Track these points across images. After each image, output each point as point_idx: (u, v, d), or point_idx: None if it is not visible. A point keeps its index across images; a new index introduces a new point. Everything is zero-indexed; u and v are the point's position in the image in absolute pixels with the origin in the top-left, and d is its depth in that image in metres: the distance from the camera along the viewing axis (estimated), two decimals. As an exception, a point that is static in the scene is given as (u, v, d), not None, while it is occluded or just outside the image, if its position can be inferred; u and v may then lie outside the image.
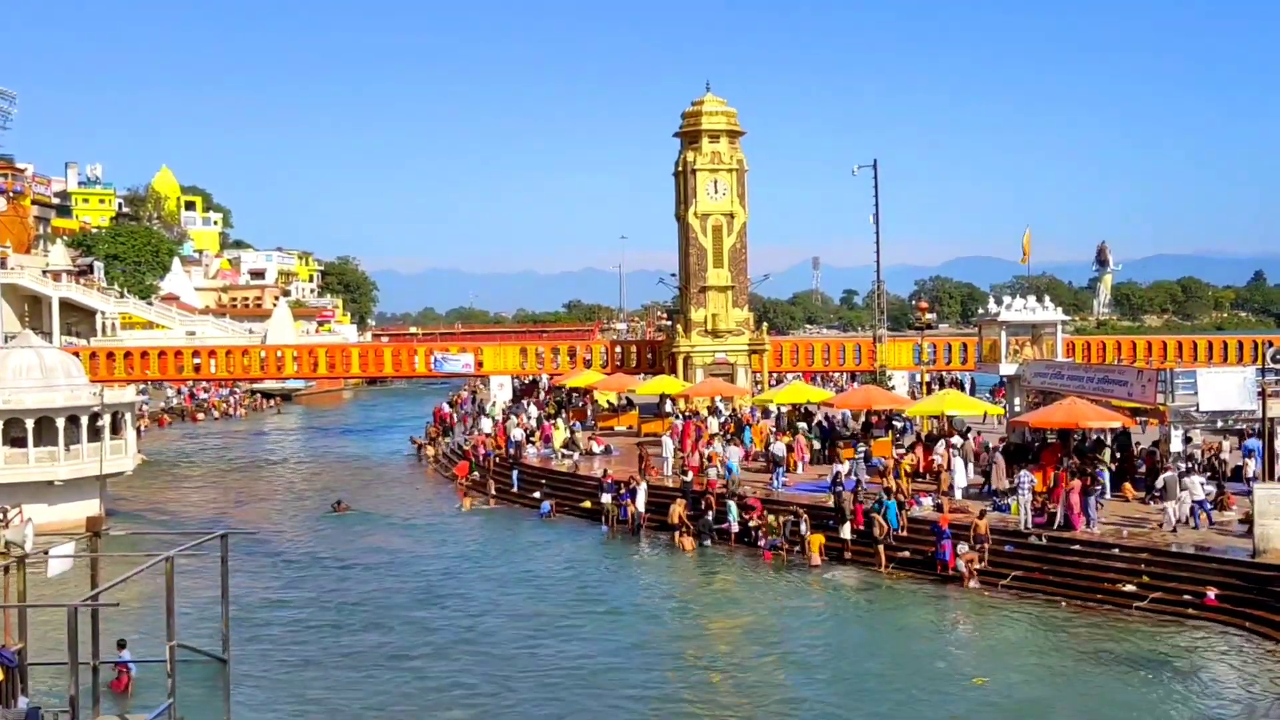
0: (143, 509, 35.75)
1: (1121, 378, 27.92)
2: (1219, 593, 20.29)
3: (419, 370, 54.49)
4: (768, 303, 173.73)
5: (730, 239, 46.09)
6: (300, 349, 57.28)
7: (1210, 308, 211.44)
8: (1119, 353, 51.02)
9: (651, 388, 43.25)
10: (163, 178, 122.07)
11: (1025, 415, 29.63)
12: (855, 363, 52.97)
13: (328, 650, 20.31)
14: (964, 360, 51.09)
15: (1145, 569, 21.59)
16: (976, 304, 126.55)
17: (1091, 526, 23.35)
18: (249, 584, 24.71)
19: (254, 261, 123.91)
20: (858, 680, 18.16)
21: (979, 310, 39.12)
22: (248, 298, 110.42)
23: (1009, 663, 18.85)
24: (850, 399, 37.41)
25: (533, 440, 39.83)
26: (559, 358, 52.53)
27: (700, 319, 45.94)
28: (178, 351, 54.31)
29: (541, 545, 29.29)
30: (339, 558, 28.18)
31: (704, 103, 46.02)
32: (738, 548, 27.31)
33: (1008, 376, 33.70)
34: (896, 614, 22.16)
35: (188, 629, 17.46)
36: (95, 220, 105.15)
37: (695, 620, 22.49)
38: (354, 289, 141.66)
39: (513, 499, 35.16)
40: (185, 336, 76.86)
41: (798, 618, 22.10)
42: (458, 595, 24.15)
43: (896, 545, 24.85)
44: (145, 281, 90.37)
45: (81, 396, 32.04)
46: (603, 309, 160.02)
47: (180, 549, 12.59)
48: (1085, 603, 21.40)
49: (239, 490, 40.67)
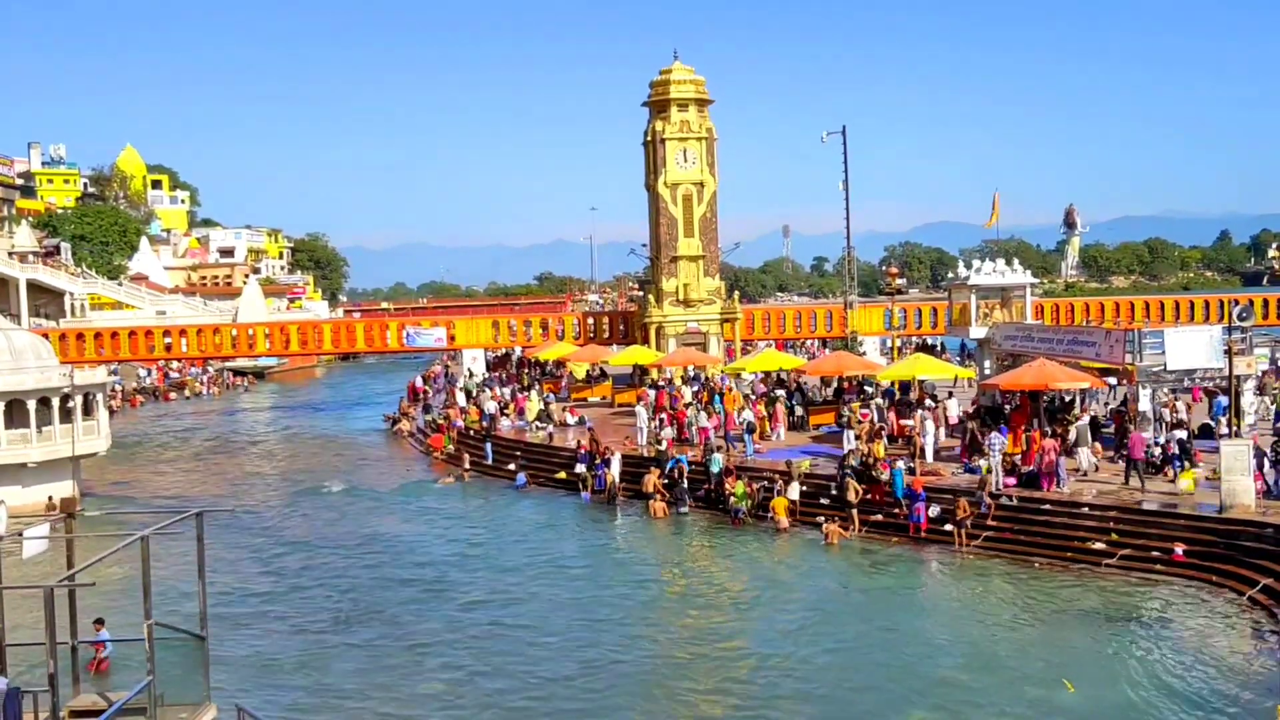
0: (117, 490, 35.53)
1: (1090, 339, 28.27)
2: (1187, 549, 20.68)
3: (391, 346, 54.35)
4: (739, 271, 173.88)
5: (700, 208, 46.07)
6: (272, 326, 56.90)
7: (1177, 268, 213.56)
8: (1087, 314, 51.57)
9: (624, 358, 43.35)
10: (128, 156, 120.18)
11: (995, 378, 29.96)
12: (826, 330, 53.28)
13: (307, 625, 20.38)
14: (934, 325, 51.54)
15: (1114, 527, 21.98)
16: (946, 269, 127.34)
17: (1061, 486, 23.72)
18: (226, 562, 24.67)
19: (223, 240, 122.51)
20: (837, 641, 18.40)
21: (948, 275, 39.40)
22: (217, 276, 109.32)
23: (984, 621, 19.18)
24: (822, 365, 37.65)
25: (506, 413, 39.86)
26: (531, 330, 52.50)
27: (672, 289, 45.98)
28: (148, 331, 53.83)
29: (518, 516, 29.45)
30: (316, 534, 28.17)
31: (672, 71, 45.83)
32: (710, 513, 27.55)
33: (978, 339, 34.03)
34: (872, 576, 22.45)
35: (167, 607, 17.47)
36: (60, 201, 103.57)
37: (669, 585, 22.70)
38: (324, 265, 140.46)
39: (488, 471, 35.22)
40: (155, 316, 76.06)
41: (773, 581, 22.35)
42: (435, 567, 24.26)
43: (868, 508, 25.15)
44: (113, 262, 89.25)
45: (52, 378, 31.74)
46: (574, 281, 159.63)
47: (155, 528, 12.57)
48: (1057, 561, 21.78)
49: (213, 469, 40.46)
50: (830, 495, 26.05)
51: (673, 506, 28.13)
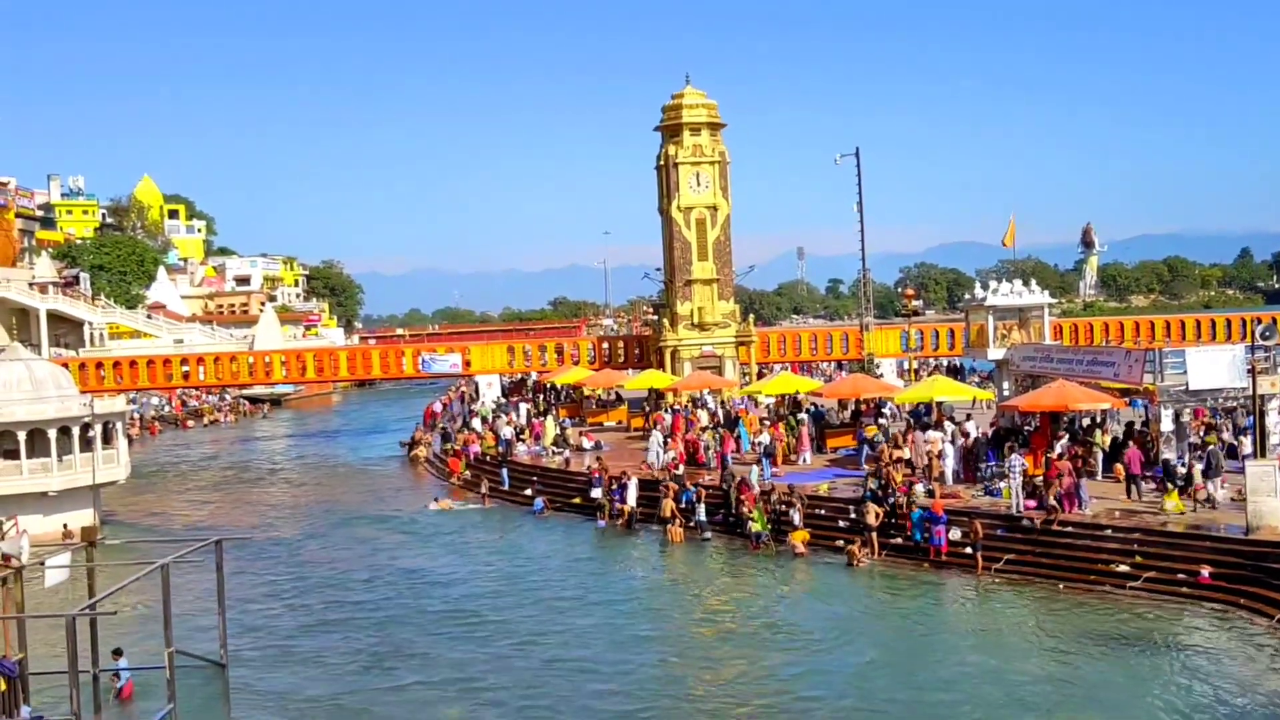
0: (137, 517, 35.62)
1: (1109, 359, 28.07)
2: (1213, 571, 20.42)
3: (407, 371, 54.43)
4: (753, 294, 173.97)
5: (714, 232, 46.13)
6: (288, 353, 57.16)
7: (1197, 286, 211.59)
8: (1106, 334, 51.27)
9: (640, 382, 43.32)
10: (145, 187, 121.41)
11: (1014, 399, 29.77)
12: (843, 352, 53.12)
13: (327, 652, 20.24)
14: (951, 346, 51.32)
15: (1138, 549, 21.73)
16: (962, 290, 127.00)
17: (1083, 508, 23.49)
18: (246, 589, 24.63)
19: (239, 268, 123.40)
20: (860, 669, 18.18)
21: (965, 296, 39.25)
22: (234, 304, 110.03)
23: (1008, 646, 18.94)
24: (839, 388, 37.52)
25: (523, 438, 39.84)
26: (546, 355, 52.55)
27: (686, 312, 45.98)
28: (166, 360, 54.14)
29: (536, 542, 29.33)
30: (334, 561, 28.11)
31: (684, 96, 46.01)
32: (728, 538, 27.40)
33: (996, 361, 33.86)
34: (892, 600, 22.24)
35: (187, 635, 17.43)
36: (79, 232, 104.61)
37: (669, 605, 22.65)
38: (339, 292, 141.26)
39: (504, 497, 35.17)
40: (173, 345, 76.55)
41: (795, 608, 22.14)
42: (455, 593, 24.09)
43: (887, 531, 24.95)
44: (131, 291, 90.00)
45: (72, 407, 31.94)
46: (588, 305, 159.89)
47: (175, 556, 12.62)
48: (1080, 584, 21.51)
49: (231, 497, 40.54)
50: (849, 519, 25.89)
51: (691, 531, 28.01)
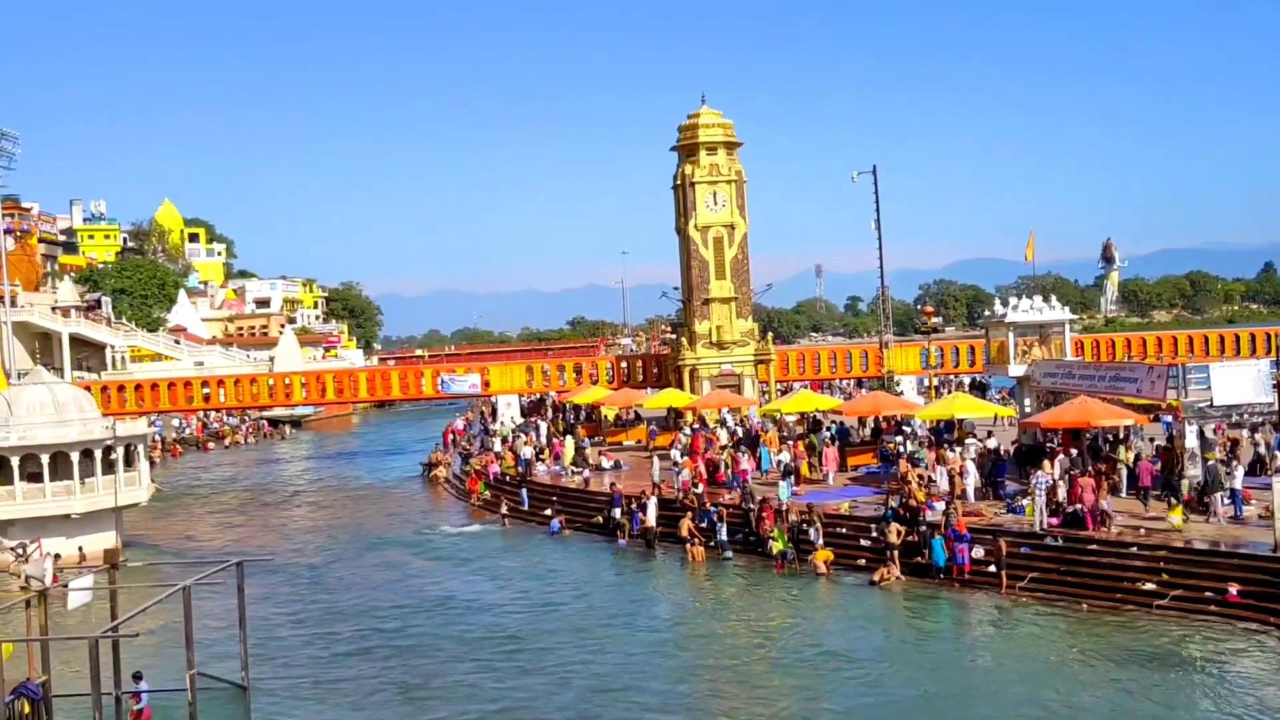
0: (158, 540, 35.78)
1: (1132, 375, 27.83)
2: (1241, 589, 20.15)
3: (426, 392, 54.56)
4: (772, 312, 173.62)
5: (731, 250, 46.13)
6: (308, 375, 57.42)
7: (1220, 301, 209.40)
8: (1129, 350, 50.86)
9: (659, 401, 43.26)
10: (165, 211, 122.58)
11: (1036, 416, 29.55)
12: (862, 369, 52.89)
13: (353, 681, 20.14)
14: (971, 363, 51.03)
15: (1164, 567, 21.46)
16: (982, 306, 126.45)
17: (1108, 525, 23.25)
18: (267, 612, 24.63)
19: (258, 290, 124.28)
20: (887, 690, 18.01)
21: (985, 312, 39.05)
22: (254, 326, 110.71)
23: (1032, 666, 18.72)
24: (859, 405, 37.35)
25: (542, 457, 39.83)
26: (565, 375, 52.58)
27: (705, 331, 45.95)
28: (187, 382, 54.50)
29: (559, 563, 29.21)
30: (357, 584, 28.09)
31: (700, 115, 46.13)
32: (749, 557, 27.25)
33: (1016, 378, 33.63)
34: (915, 619, 22.05)
35: (208, 659, 17.42)
36: (101, 256, 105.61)
37: (711, 631, 22.32)
38: (358, 314, 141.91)
39: (524, 517, 35.13)
40: (194, 367, 77.06)
41: (816, 626, 22.00)
42: (484, 619, 23.91)
43: (908, 550, 24.75)
44: (152, 314, 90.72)
45: (94, 430, 32.13)
46: (606, 325, 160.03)
47: (197, 578, 12.62)
48: (1105, 603, 21.25)
49: (253, 519, 40.68)
50: (871, 537, 25.72)
51: (711, 551, 27.88)
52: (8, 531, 30.92)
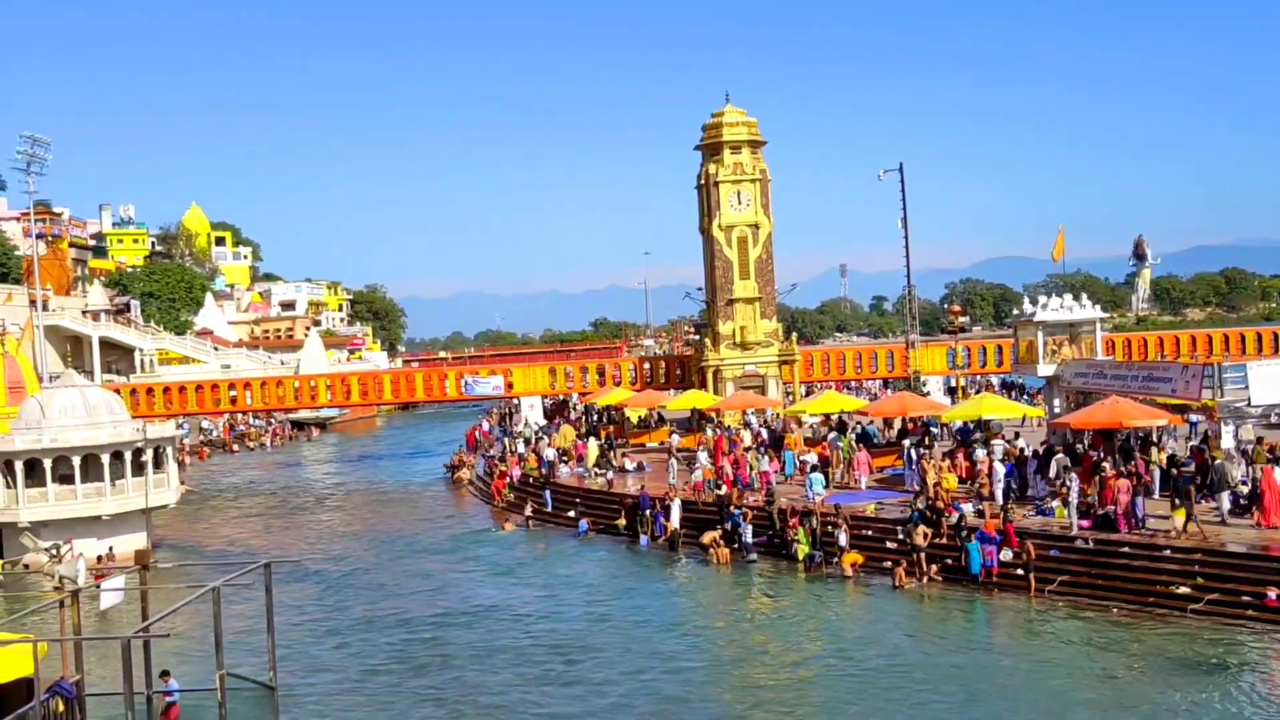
0: (187, 541, 36.04)
1: (1166, 374, 27.46)
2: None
3: (450, 394, 54.73)
4: (796, 312, 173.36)
5: (755, 250, 45.97)
6: (333, 377, 57.72)
7: (1257, 298, 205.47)
8: (1161, 349, 50.26)
9: (682, 403, 43.17)
10: (193, 215, 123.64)
11: (1066, 416, 29.23)
12: (888, 370, 52.59)
13: (381, 682, 20.15)
14: (999, 363, 50.63)
15: (1199, 570, 21.14)
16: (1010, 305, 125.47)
17: (1141, 527, 22.94)
18: (295, 612, 24.72)
19: (284, 293, 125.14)
20: (913, 697, 17.81)
21: (1013, 311, 38.71)
22: (279, 329, 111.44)
23: (1061, 670, 18.48)
24: (885, 406, 37.09)
25: (566, 459, 39.83)
26: (588, 376, 52.58)
27: (728, 332, 45.80)
28: (214, 385, 54.94)
29: (587, 566, 29.12)
30: (383, 583, 28.17)
31: (724, 114, 46.00)
32: (774, 560, 27.10)
33: (1046, 377, 33.30)
34: (944, 626, 21.81)
35: (238, 661, 17.49)
36: (130, 260, 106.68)
37: (736, 636, 22.20)
38: (383, 316, 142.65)
39: (548, 519, 35.13)
40: (220, 370, 77.67)
41: (828, 627, 21.84)
42: (506, 617, 23.96)
43: (936, 554, 24.52)
44: (180, 317, 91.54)
45: (124, 432, 32.43)
46: (629, 326, 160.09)
47: (226, 579, 12.66)
48: (1138, 607, 20.95)
49: (280, 521, 40.89)
50: (897, 540, 25.52)
51: (737, 554, 27.77)
52: (40, 533, 31.24)
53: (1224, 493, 23.09)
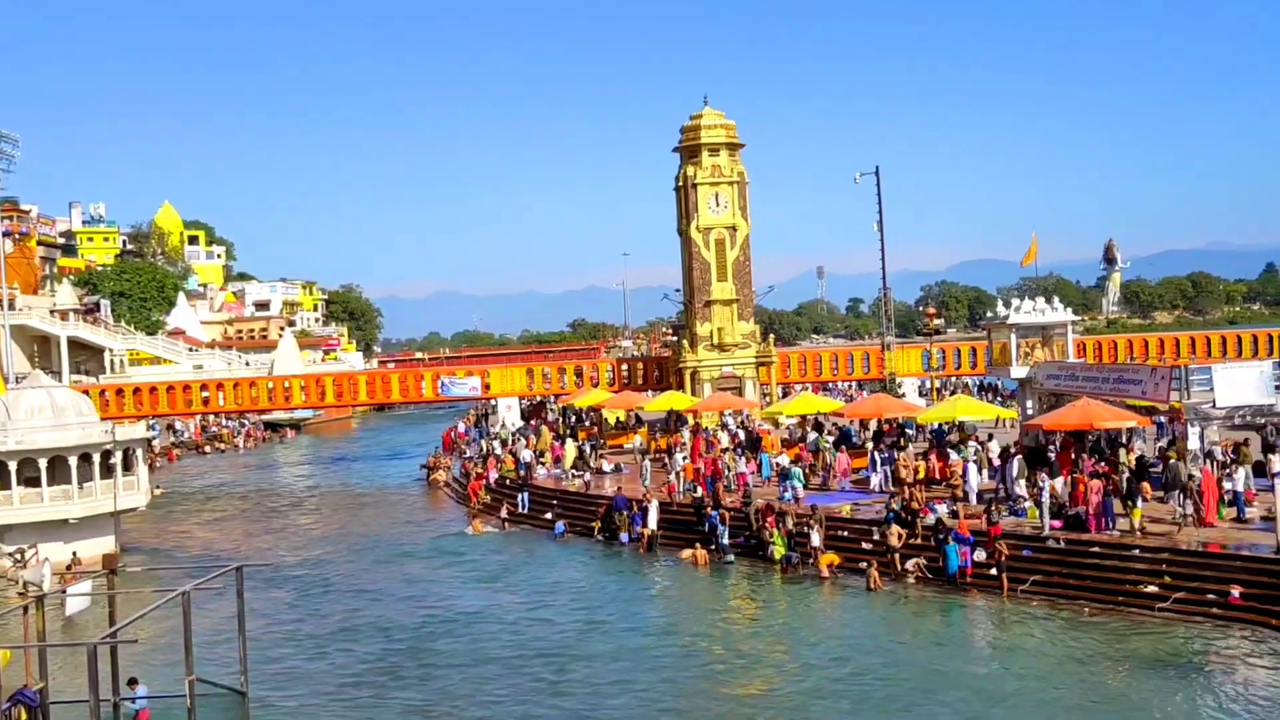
0: (158, 544, 35.65)
1: (1136, 376, 27.73)
2: (1244, 591, 20.05)
3: (426, 395, 54.47)
4: (773, 314, 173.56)
5: (733, 252, 46.06)
6: (307, 378, 57.33)
7: (1222, 302, 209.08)
8: (1131, 351, 50.79)
9: (660, 404, 43.15)
10: (165, 214, 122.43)
11: (1039, 418, 29.45)
12: (864, 371, 52.80)
13: (348, 680, 20.06)
14: (973, 365, 50.95)
15: (1167, 569, 21.37)
16: (984, 308, 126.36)
17: (1111, 528, 23.15)
18: (269, 619, 24.44)
19: (258, 293, 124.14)
20: (885, 697, 17.90)
21: (987, 314, 38.98)
22: (253, 329, 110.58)
23: (1035, 669, 18.61)
24: (861, 408, 37.24)
25: (542, 461, 39.73)
26: (565, 377, 52.50)
27: (706, 333, 45.86)
28: (186, 386, 54.44)
29: (558, 568, 29.08)
30: (361, 588, 27.92)
31: (702, 116, 46.06)
32: (751, 560, 27.14)
33: (1019, 379, 33.55)
34: (917, 622, 21.94)
35: (208, 665, 17.29)
36: (100, 258, 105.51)
37: (703, 632, 22.24)
38: (358, 316, 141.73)
39: (524, 521, 35.02)
40: (193, 370, 76.96)
41: (814, 629, 21.92)
42: (481, 620, 23.84)
43: (909, 553, 24.64)
44: (151, 317, 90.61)
45: (93, 434, 32.05)
46: (607, 327, 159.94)
47: (197, 583, 12.54)
48: (1108, 605, 21.16)
49: (252, 523, 40.55)
50: (873, 540, 25.62)
51: (714, 555, 27.79)
52: (5, 537, 30.82)
53: (1177, 491, 23.47)
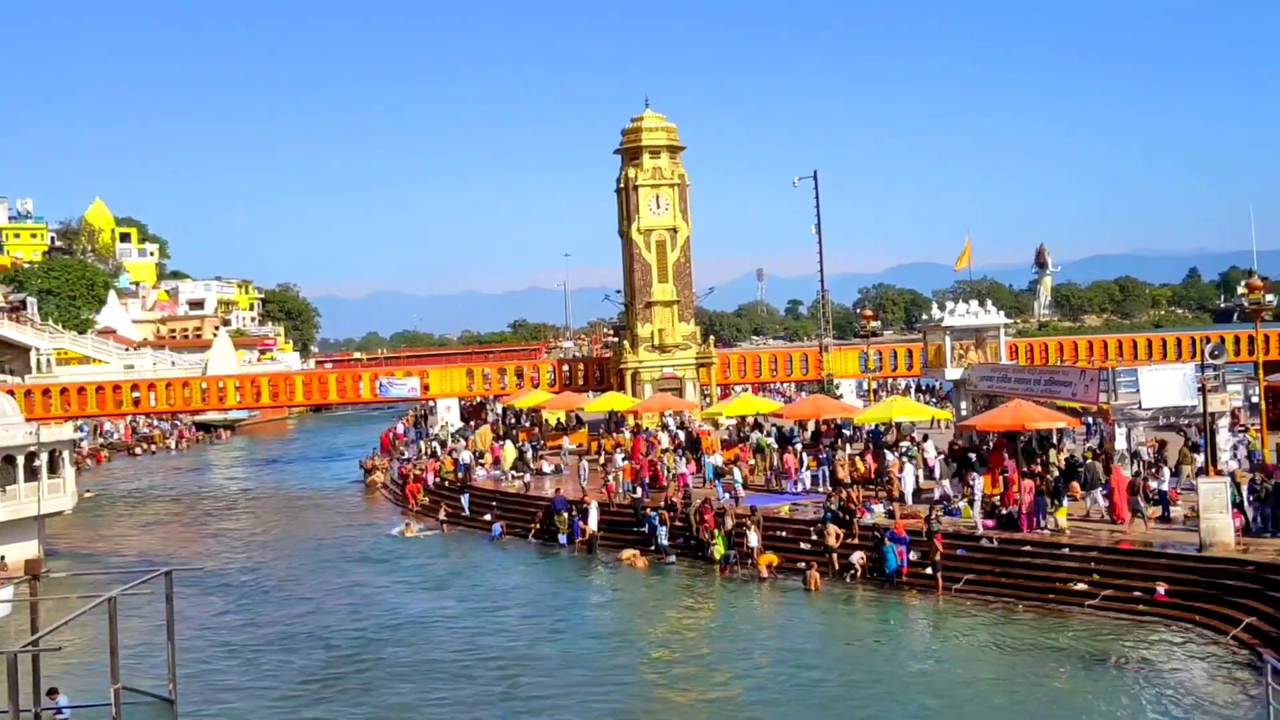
0: (84, 549, 34.71)
1: (1067, 378, 28.39)
2: (1169, 588, 20.61)
3: (364, 396, 53.82)
4: (713, 316, 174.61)
5: (674, 254, 46.22)
6: (242, 378, 56.29)
7: (1148, 306, 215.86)
8: (1061, 354, 51.96)
9: (600, 405, 43.16)
10: (96, 210, 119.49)
11: (973, 419, 29.98)
12: (802, 372, 53.34)
13: (280, 686, 19.71)
14: (910, 366, 51.73)
15: (1096, 567, 21.89)
16: (920, 310, 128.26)
17: (1042, 527, 23.65)
18: (201, 626, 23.79)
19: (192, 292, 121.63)
20: (819, 694, 18.08)
21: (922, 316, 39.61)
22: (187, 329, 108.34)
23: (972, 667, 18.92)
24: (799, 409, 37.59)
25: (482, 462, 39.47)
26: (506, 378, 52.24)
27: (647, 334, 45.95)
28: (116, 386, 53.11)
29: (495, 570, 28.91)
30: (290, 591, 27.48)
31: (644, 119, 46.17)
32: (691, 561, 27.24)
33: (954, 381, 34.14)
34: (853, 624, 22.20)
35: (131, 669, 16.86)
36: (27, 255, 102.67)
37: (645, 635, 22.27)
38: (296, 316, 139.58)
39: (464, 522, 34.76)
40: (123, 370, 75.16)
41: (754, 630, 22.02)
42: (408, 620, 23.64)
43: (846, 552, 24.92)
44: (81, 316, 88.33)
45: (17, 436, 31.09)
46: (548, 328, 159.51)
47: (124, 588, 12.25)
48: (1040, 603, 21.60)
49: (184, 526, 39.68)
50: (810, 541, 25.87)
51: (653, 556, 27.84)
52: (-76, 541, 29.79)
53: (1094, 489, 24.24)
